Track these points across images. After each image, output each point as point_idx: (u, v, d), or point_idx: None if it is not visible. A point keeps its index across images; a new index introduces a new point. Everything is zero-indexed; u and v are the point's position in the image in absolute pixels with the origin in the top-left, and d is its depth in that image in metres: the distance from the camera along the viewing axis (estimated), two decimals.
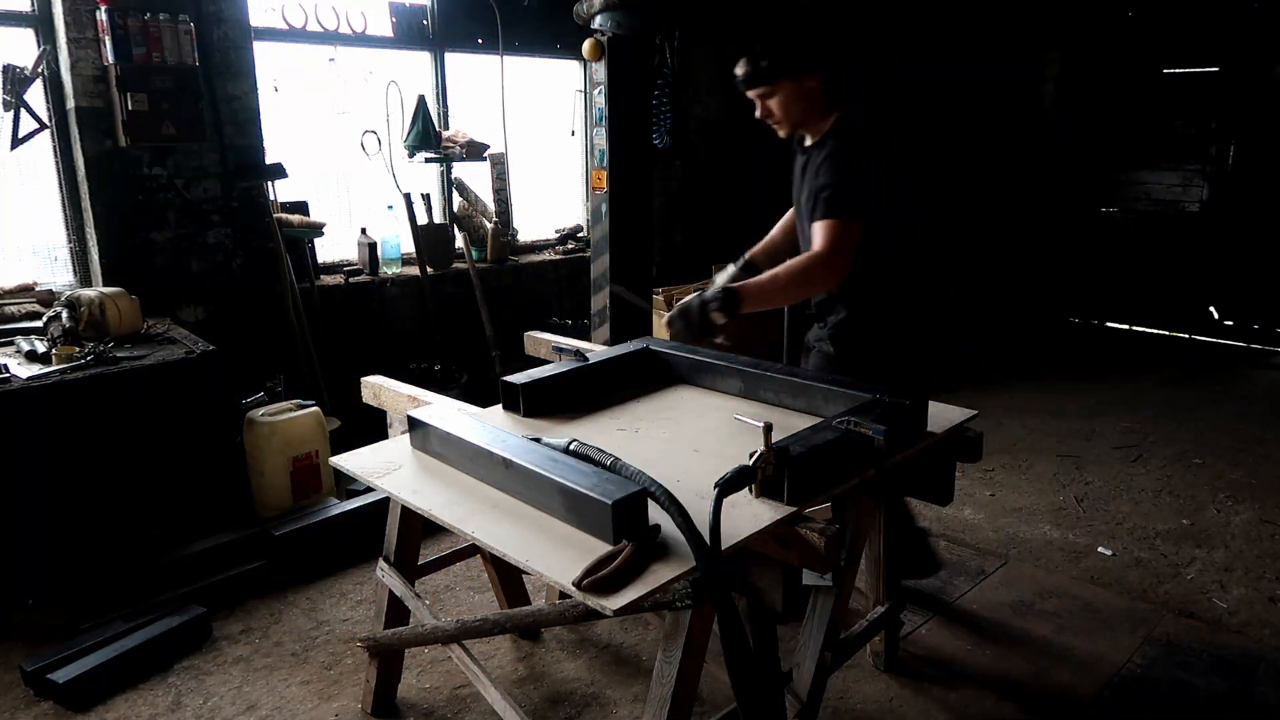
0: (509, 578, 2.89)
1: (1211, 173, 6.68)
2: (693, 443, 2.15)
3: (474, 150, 5.07)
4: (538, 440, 1.95)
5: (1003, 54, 7.24)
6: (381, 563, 2.50)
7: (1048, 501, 4.11)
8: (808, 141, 2.67)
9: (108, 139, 3.81)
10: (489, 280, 5.24)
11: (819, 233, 2.43)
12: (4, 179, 3.85)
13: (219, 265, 4.24)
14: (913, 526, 3.17)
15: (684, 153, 6.26)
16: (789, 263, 2.45)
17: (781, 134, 2.67)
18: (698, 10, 4.25)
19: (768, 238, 2.95)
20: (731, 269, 2.81)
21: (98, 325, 3.44)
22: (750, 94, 2.62)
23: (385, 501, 2.56)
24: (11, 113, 3.58)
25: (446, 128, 5.13)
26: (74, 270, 4.02)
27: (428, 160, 4.98)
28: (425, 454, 2.13)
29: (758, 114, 2.66)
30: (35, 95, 3.70)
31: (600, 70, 3.76)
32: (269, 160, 4.32)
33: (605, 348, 2.89)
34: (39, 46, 3.73)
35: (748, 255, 2.84)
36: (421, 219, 4.95)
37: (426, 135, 4.82)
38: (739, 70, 2.58)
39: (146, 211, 3.98)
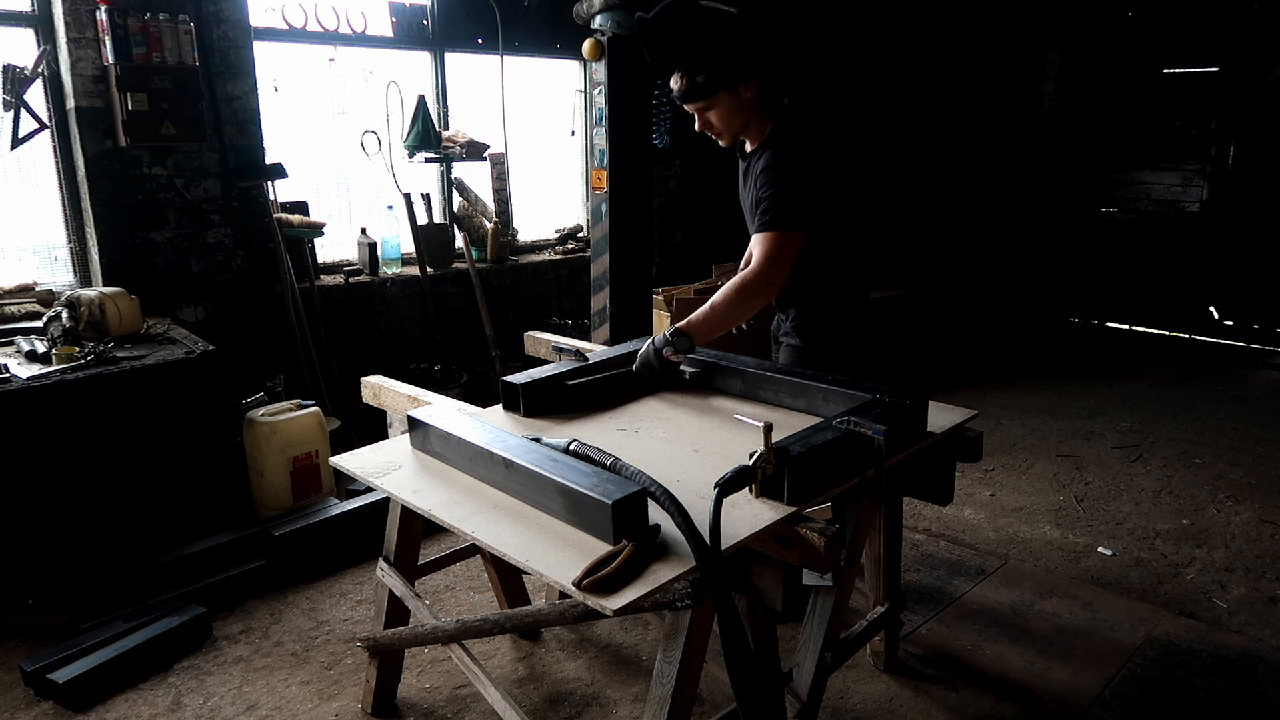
0: (509, 578, 2.89)
1: (1211, 173, 6.68)
2: (693, 443, 2.15)
3: (474, 150, 5.07)
4: (538, 440, 1.95)
5: (1002, 54, 7.25)
6: (381, 563, 2.50)
7: (1048, 501, 4.11)
8: (748, 147, 2.67)
9: (108, 139, 3.81)
10: (489, 280, 5.24)
11: (756, 246, 2.50)
12: (4, 179, 3.85)
13: (219, 265, 4.24)
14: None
15: (684, 152, 6.26)
16: (726, 286, 2.49)
17: (723, 144, 2.66)
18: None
19: (745, 259, 2.94)
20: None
21: (98, 325, 3.44)
22: (688, 108, 2.61)
23: (385, 501, 2.56)
24: (11, 113, 3.58)
25: (446, 128, 5.13)
26: (74, 270, 4.02)
27: (428, 160, 4.98)
28: (425, 454, 2.13)
29: (697, 127, 2.65)
30: (35, 95, 3.70)
31: (600, 70, 3.77)
32: (269, 160, 4.32)
33: (605, 348, 2.88)
34: (39, 46, 3.73)
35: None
36: (421, 219, 4.96)
37: (426, 135, 4.82)
38: (674, 85, 2.56)
39: (146, 211, 3.98)
